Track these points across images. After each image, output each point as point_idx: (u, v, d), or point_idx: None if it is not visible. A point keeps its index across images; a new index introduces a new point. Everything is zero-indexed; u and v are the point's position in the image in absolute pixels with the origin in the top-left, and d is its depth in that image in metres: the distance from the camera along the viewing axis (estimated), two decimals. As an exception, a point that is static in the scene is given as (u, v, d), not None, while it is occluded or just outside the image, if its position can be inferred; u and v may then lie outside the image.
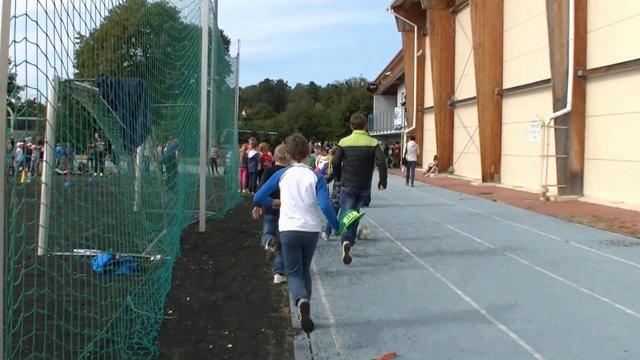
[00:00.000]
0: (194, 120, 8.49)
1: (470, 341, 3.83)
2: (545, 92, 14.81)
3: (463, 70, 21.35)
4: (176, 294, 4.96)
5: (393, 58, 35.34)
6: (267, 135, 43.88)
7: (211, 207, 10.44)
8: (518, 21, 17.30)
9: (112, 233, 5.24)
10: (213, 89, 12.89)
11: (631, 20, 11.72)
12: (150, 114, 5.65)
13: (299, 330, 4.01)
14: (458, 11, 22.59)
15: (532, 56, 16.05)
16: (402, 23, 27.89)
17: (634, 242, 7.89)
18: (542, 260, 6.54)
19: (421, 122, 27.46)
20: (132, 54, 33.26)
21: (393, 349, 3.64)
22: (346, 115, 51.79)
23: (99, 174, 15.95)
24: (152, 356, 3.46)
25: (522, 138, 16.50)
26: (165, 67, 7.23)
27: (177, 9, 8.69)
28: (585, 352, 3.65)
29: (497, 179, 18.23)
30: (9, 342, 2.63)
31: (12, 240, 2.45)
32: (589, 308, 4.66)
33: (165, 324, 4.12)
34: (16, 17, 2.23)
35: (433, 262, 6.41)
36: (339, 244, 7.46)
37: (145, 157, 7.80)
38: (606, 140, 12.56)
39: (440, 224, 9.50)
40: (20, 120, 11.70)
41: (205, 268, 6.06)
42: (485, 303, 4.75)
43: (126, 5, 29.22)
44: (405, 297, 4.94)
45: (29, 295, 2.80)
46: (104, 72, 26.91)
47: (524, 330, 4.03)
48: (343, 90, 68.81)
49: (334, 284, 5.38)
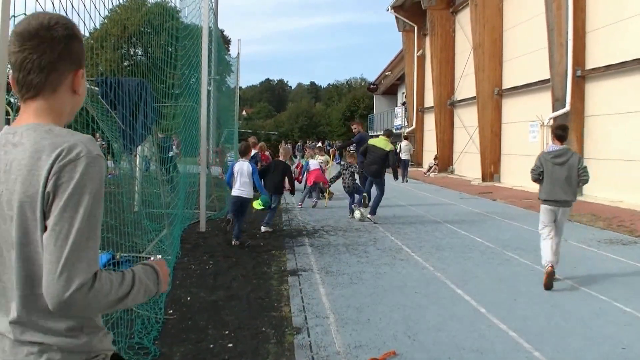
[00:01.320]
0: (195, 120, 8.49)
1: (470, 340, 3.84)
2: (544, 92, 14.82)
3: (463, 70, 21.35)
4: (177, 293, 4.97)
5: (393, 58, 35.37)
6: (267, 135, 43.86)
7: (211, 207, 10.45)
8: (517, 21, 17.31)
9: (112, 233, 5.25)
10: (213, 88, 12.88)
11: (630, 21, 11.73)
12: (151, 113, 5.66)
13: (300, 329, 4.02)
14: (458, 11, 22.60)
15: (531, 56, 16.06)
16: (402, 23, 27.90)
17: (632, 240, 7.90)
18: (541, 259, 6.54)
19: (421, 122, 27.47)
20: (132, 54, 33.26)
21: (393, 347, 3.65)
22: (346, 115, 51.74)
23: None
24: (153, 356, 3.47)
25: (522, 138, 16.51)
26: (165, 67, 7.24)
27: (178, 8, 8.68)
28: (584, 350, 3.66)
29: (497, 178, 18.24)
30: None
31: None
32: (588, 306, 4.67)
33: (165, 323, 4.13)
34: (15, 17, 2.24)
35: (433, 261, 6.42)
36: (339, 244, 7.50)
37: (145, 157, 7.80)
38: (605, 140, 12.57)
39: (441, 223, 9.51)
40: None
41: (205, 268, 6.07)
42: (485, 302, 4.76)
43: (126, 4, 29.23)
44: (406, 296, 4.94)
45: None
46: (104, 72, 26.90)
47: (523, 329, 4.04)
48: (343, 90, 68.75)
49: (334, 284, 5.38)
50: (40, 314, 1.16)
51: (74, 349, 1.18)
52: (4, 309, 1.20)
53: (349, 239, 7.93)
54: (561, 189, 5.27)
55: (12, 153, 1.17)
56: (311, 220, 9.80)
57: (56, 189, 1.11)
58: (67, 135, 1.17)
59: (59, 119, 1.26)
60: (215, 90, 13.22)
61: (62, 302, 1.08)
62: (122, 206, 5.67)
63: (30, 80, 1.21)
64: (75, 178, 1.12)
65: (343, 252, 6.93)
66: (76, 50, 1.26)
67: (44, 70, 1.20)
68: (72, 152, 1.13)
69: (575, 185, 5.32)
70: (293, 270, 5.93)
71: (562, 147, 5.35)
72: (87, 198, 1.13)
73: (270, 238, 7.94)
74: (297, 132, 56.16)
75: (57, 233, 1.10)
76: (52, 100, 1.24)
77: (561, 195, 5.28)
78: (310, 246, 7.35)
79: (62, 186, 1.11)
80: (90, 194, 1.13)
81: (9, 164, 1.17)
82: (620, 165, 11.92)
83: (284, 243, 7.56)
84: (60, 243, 1.09)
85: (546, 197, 5.37)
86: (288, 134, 54.43)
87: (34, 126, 1.20)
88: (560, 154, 5.30)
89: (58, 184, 1.11)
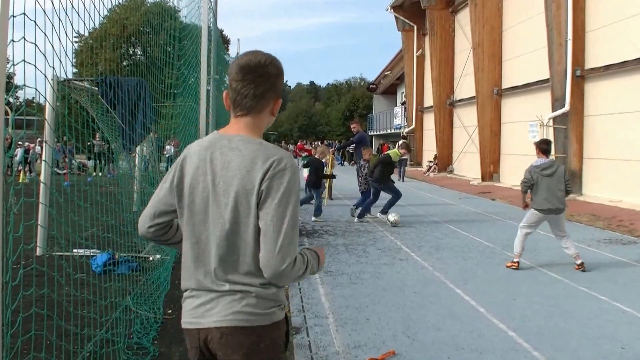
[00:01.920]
0: (194, 120, 8.48)
1: (470, 339, 3.84)
2: (544, 91, 14.82)
3: (462, 70, 21.35)
4: (175, 293, 4.96)
5: (393, 58, 35.33)
6: (266, 135, 43.87)
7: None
8: (517, 21, 17.30)
9: (111, 233, 5.24)
10: (213, 88, 12.86)
11: (629, 21, 11.72)
12: (150, 113, 5.65)
13: (299, 329, 4.02)
14: (457, 11, 22.59)
15: (530, 56, 16.06)
16: (401, 23, 27.88)
17: (631, 240, 7.90)
18: (541, 259, 6.55)
19: (421, 122, 27.47)
20: (131, 53, 33.23)
21: (392, 347, 3.65)
22: (346, 115, 51.69)
23: (97, 174, 15.94)
24: (152, 356, 3.46)
25: (521, 137, 16.50)
26: (165, 67, 7.23)
27: (177, 8, 8.68)
28: (584, 350, 3.66)
29: (497, 178, 18.24)
30: (7, 342, 2.63)
31: (11, 240, 2.45)
32: (587, 306, 4.67)
33: (164, 323, 4.13)
34: (14, 17, 2.23)
35: (432, 261, 6.42)
36: (338, 244, 7.50)
37: (144, 156, 7.79)
38: (605, 140, 12.57)
39: (440, 223, 9.51)
40: (18, 120, 11.70)
41: (204, 267, 6.05)
42: (484, 301, 4.76)
43: (125, 4, 29.21)
44: (405, 296, 4.94)
45: (27, 295, 2.80)
46: (103, 72, 26.88)
47: (522, 328, 4.04)
48: (343, 89, 68.66)
49: (334, 284, 5.38)
50: (239, 273, 1.57)
51: (266, 297, 1.59)
52: (205, 267, 1.60)
53: (348, 238, 7.93)
54: (555, 198, 5.85)
55: (228, 155, 1.57)
56: (310, 220, 9.80)
57: (269, 189, 1.51)
58: (275, 149, 1.60)
59: (259, 132, 1.66)
60: (214, 89, 13.18)
61: (277, 273, 1.50)
62: (121, 206, 5.67)
63: (244, 103, 1.62)
64: (284, 183, 1.52)
65: (342, 252, 6.93)
66: (280, 85, 1.68)
67: (256, 97, 1.62)
68: (281, 164, 1.54)
69: (563, 194, 5.92)
70: (292, 270, 5.91)
71: (548, 160, 6.01)
72: (293, 199, 1.53)
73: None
74: (297, 131, 56.12)
75: (273, 224, 1.50)
76: (257, 119, 1.65)
77: (555, 203, 5.85)
78: (310, 246, 7.34)
79: (274, 188, 1.51)
80: (294, 196, 1.54)
81: (227, 163, 1.57)
82: (620, 165, 11.92)
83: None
84: (277, 231, 1.49)
85: (538, 207, 5.94)
86: (287, 134, 54.39)
87: (247, 138, 1.60)
88: (548, 166, 5.93)
89: (271, 185, 1.51)
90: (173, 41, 7.91)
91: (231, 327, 1.56)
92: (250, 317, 1.56)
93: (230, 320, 1.56)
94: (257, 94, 1.61)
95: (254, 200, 1.52)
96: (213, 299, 1.59)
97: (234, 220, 1.54)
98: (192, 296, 1.64)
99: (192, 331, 1.63)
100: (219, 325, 1.56)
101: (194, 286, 1.63)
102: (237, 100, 1.63)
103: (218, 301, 1.58)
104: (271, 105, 1.67)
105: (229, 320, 1.56)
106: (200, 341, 1.62)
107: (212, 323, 1.57)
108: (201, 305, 1.60)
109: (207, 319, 1.58)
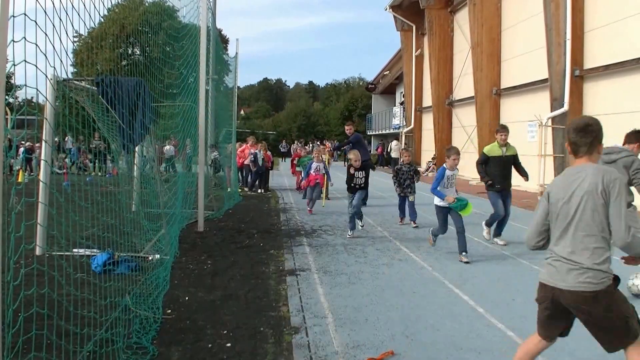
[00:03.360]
0: (193, 120, 8.48)
1: (469, 339, 3.85)
2: (542, 91, 14.84)
3: (461, 70, 21.37)
4: (175, 293, 4.97)
5: (391, 57, 35.33)
6: (265, 135, 43.83)
7: (210, 207, 10.45)
8: (516, 21, 17.32)
9: (111, 232, 5.25)
10: (212, 88, 12.87)
11: (628, 20, 11.75)
12: (149, 112, 5.65)
13: (298, 329, 4.03)
14: (456, 11, 22.61)
15: (529, 56, 16.08)
16: (400, 22, 27.88)
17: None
18: (540, 259, 6.54)
19: (419, 122, 27.47)
20: (130, 53, 33.19)
21: (391, 347, 3.66)
22: (344, 115, 51.65)
23: (97, 174, 15.93)
24: (151, 356, 3.47)
25: (520, 137, 16.49)
26: (163, 66, 7.23)
27: (176, 8, 8.68)
28: (583, 350, 3.68)
29: (495, 178, 18.23)
30: (8, 341, 2.63)
31: (12, 240, 2.45)
32: (586, 307, 4.67)
33: (163, 323, 4.13)
34: (14, 17, 2.23)
35: (431, 261, 6.43)
36: (337, 244, 7.50)
37: (143, 156, 7.79)
38: (604, 140, 12.53)
39: (439, 223, 9.49)
40: (18, 120, 11.68)
41: (203, 267, 6.06)
42: (483, 302, 4.77)
43: (124, 4, 29.17)
44: (404, 296, 4.95)
45: (28, 295, 2.80)
46: (102, 71, 26.86)
47: (521, 328, 4.05)
48: (342, 89, 68.58)
49: (333, 283, 5.39)
50: (582, 252, 2.59)
51: (601, 269, 2.60)
52: (564, 242, 2.66)
53: (347, 238, 7.94)
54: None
55: (581, 176, 2.64)
56: (309, 220, 9.81)
57: (611, 191, 2.53)
58: (604, 169, 2.63)
59: (595, 163, 2.72)
60: (213, 89, 13.20)
61: (626, 243, 2.50)
62: (121, 205, 5.67)
63: (581, 149, 2.71)
64: (617, 187, 2.54)
65: (341, 252, 6.94)
66: (601, 135, 2.72)
67: (587, 145, 2.70)
68: (612, 176, 2.57)
69: None
70: (291, 270, 5.93)
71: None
72: (623, 196, 2.54)
73: (268, 238, 7.95)
74: (295, 131, 56.11)
75: (617, 211, 2.51)
76: (591, 157, 2.71)
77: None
78: (309, 246, 7.36)
79: (613, 189, 2.53)
80: (625, 193, 2.57)
81: (584, 179, 2.61)
82: (618, 165, 11.93)
83: (282, 243, 7.56)
84: (621, 214, 2.50)
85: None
86: (286, 133, 54.37)
87: (590, 165, 2.67)
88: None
89: (610, 188, 2.54)
90: (172, 41, 7.91)
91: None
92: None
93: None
94: (587, 142, 2.71)
95: (601, 197, 2.58)
96: (561, 271, 2.69)
97: (594, 209, 2.63)
98: None
99: None
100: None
101: None
102: (574, 149, 2.77)
103: (566, 273, 2.68)
104: (597, 149, 2.73)
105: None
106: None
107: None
108: None
109: None
